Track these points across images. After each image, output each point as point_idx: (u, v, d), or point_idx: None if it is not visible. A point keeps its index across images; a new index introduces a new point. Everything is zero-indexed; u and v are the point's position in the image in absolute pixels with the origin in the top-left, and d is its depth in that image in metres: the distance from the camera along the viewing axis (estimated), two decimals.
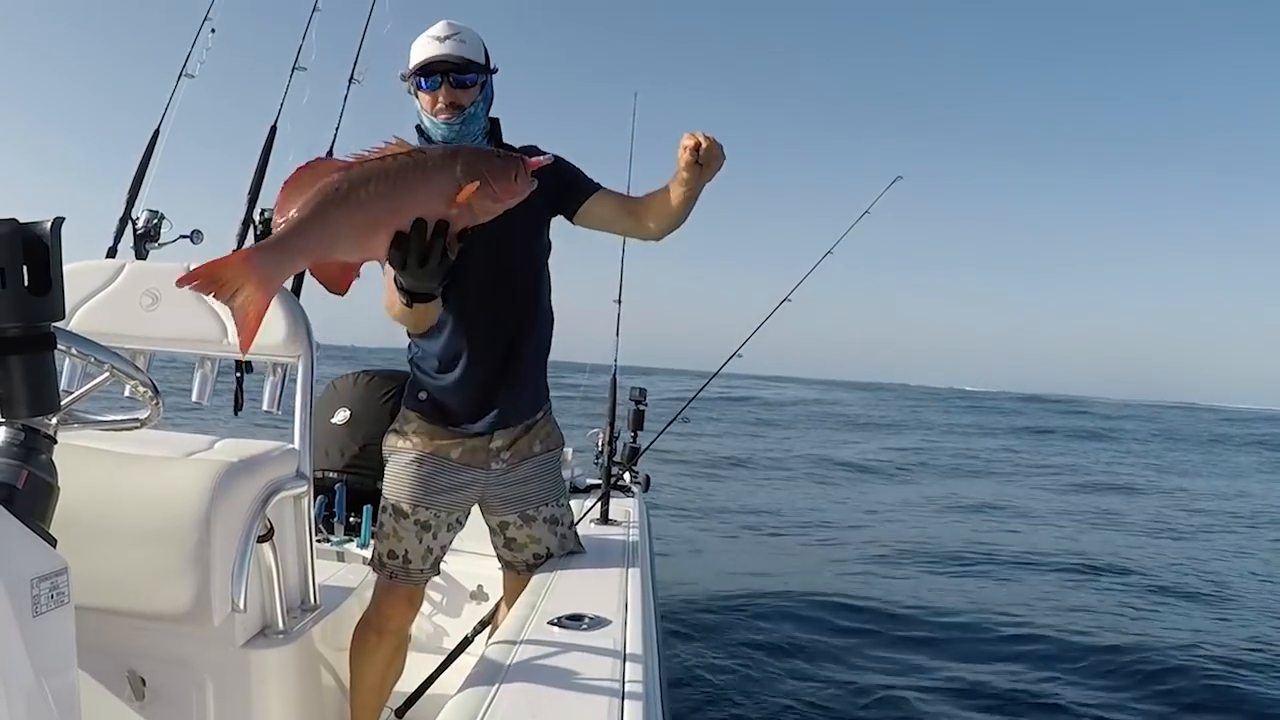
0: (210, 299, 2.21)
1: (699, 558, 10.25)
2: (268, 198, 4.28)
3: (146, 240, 4.13)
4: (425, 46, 2.97)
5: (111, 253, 4.09)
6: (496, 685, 2.13)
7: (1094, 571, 11.44)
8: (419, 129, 3.07)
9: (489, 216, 2.10)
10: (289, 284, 3.99)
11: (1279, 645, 8.59)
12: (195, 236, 4.23)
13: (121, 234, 4.10)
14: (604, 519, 4.12)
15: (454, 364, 3.05)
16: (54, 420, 1.78)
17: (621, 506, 4.37)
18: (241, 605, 2.38)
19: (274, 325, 2.86)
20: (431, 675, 3.42)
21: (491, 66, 3.09)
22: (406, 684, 3.47)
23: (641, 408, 5.01)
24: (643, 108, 5.86)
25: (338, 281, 2.00)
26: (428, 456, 3.06)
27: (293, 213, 1.88)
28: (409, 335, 3.16)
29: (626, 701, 2.08)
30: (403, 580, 3.07)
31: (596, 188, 3.14)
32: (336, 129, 4.50)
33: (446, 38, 2.96)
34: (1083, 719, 6.43)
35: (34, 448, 1.73)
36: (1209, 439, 46.19)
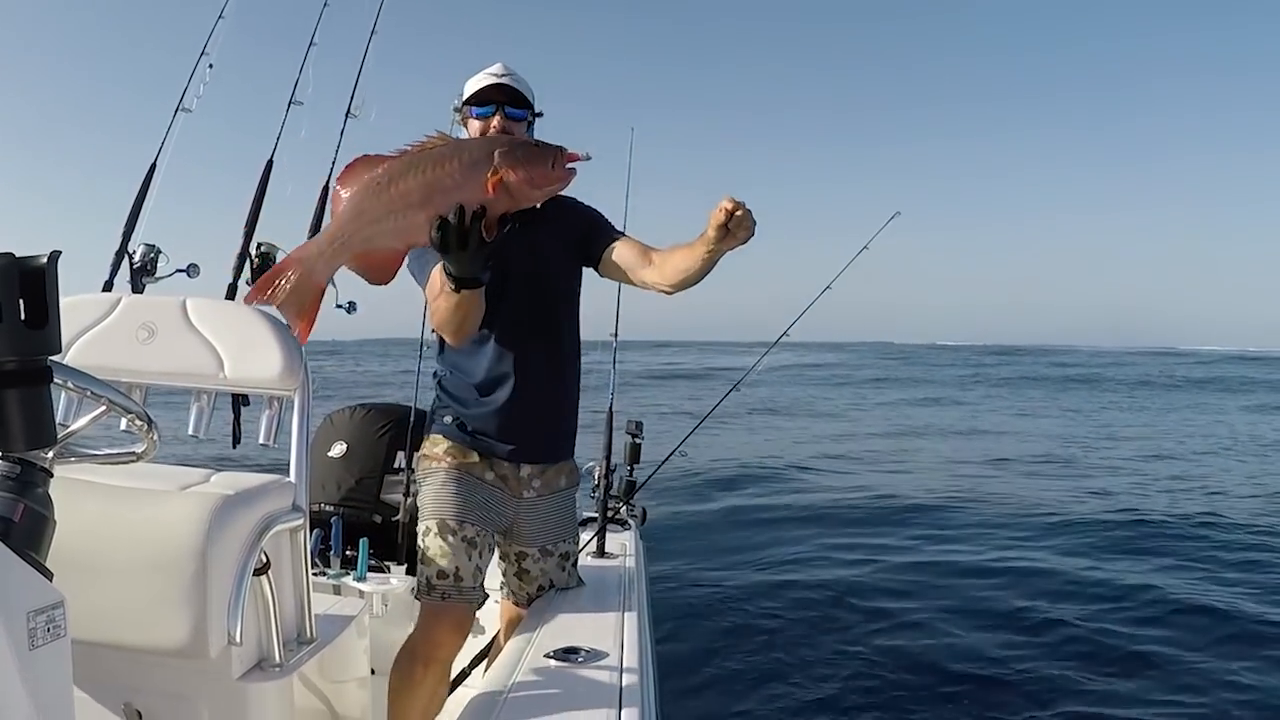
0: (210, 334, 2.24)
1: (692, 560, 10.21)
2: (265, 231, 4.29)
3: (143, 274, 4.13)
4: (482, 79, 3.13)
5: (108, 286, 4.09)
6: (494, 716, 2.13)
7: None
8: None
9: (528, 202, 2.34)
10: (284, 317, 3.99)
11: None
12: (192, 270, 4.24)
13: (118, 268, 4.11)
14: (600, 552, 4.13)
15: (496, 389, 3.11)
16: (50, 454, 1.78)
17: (618, 540, 4.38)
18: (238, 638, 2.37)
19: (270, 358, 2.86)
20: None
21: (537, 110, 3.21)
22: None
23: (638, 441, 5.02)
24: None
25: (383, 269, 2.23)
26: (465, 475, 3.09)
27: (340, 208, 2.14)
28: (447, 350, 3.22)
29: None
30: (455, 599, 3.02)
31: (621, 234, 3.19)
32: (334, 163, 4.52)
33: (503, 75, 3.13)
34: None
35: (30, 481, 1.73)
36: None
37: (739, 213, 2.50)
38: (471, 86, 3.16)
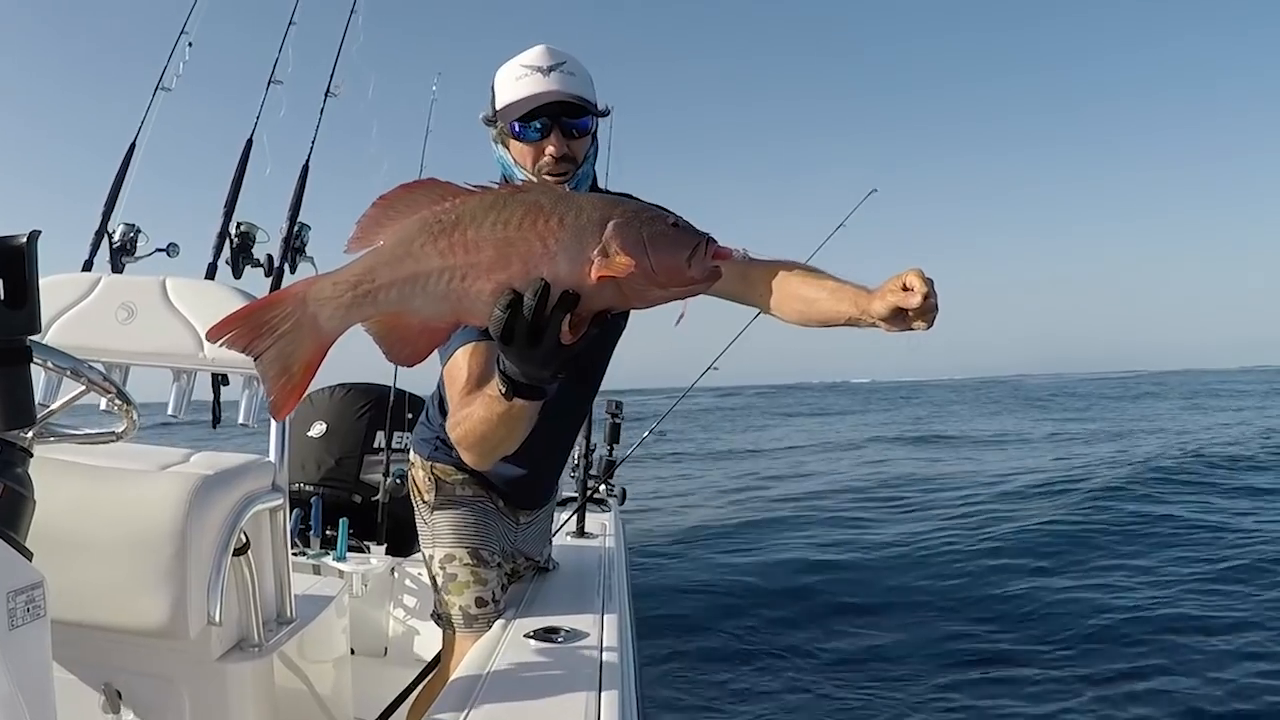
0: (190, 313, 2.15)
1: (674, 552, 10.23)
2: (244, 211, 4.28)
3: (122, 254, 4.11)
4: (523, 81, 2.39)
5: (87, 266, 4.07)
6: (474, 697, 2.14)
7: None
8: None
9: (641, 304, 1.54)
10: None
11: None
12: (171, 250, 4.21)
13: (97, 247, 4.09)
14: (580, 532, 4.14)
15: (503, 462, 2.30)
16: (30, 433, 1.78)
17: (598, 519, 4.40)
18: (217, 618, 2.38)
19: None
20: (409, 686, 3.42)
21: (603, 108, 2.49)
22: (383, 694, 3.47)
23: (618, 421, 5.03)
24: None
25: (413, 346, 1.50)
26: (483, 504, 2.87)
27: (377, 241, 1.43)
28: (468, 459, 2.47)
29: (603, 716, 2.09)
30: (491, 620, 2.80)
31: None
32: (313, 142, 4.51)
33: (552, 68, 2.37)
34: None
35: (10, 461, 1.73)
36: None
37: (930, 301, 1.86)
38: (506, 89, 2.42)
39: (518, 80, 2.39)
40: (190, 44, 4.50)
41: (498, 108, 2.43)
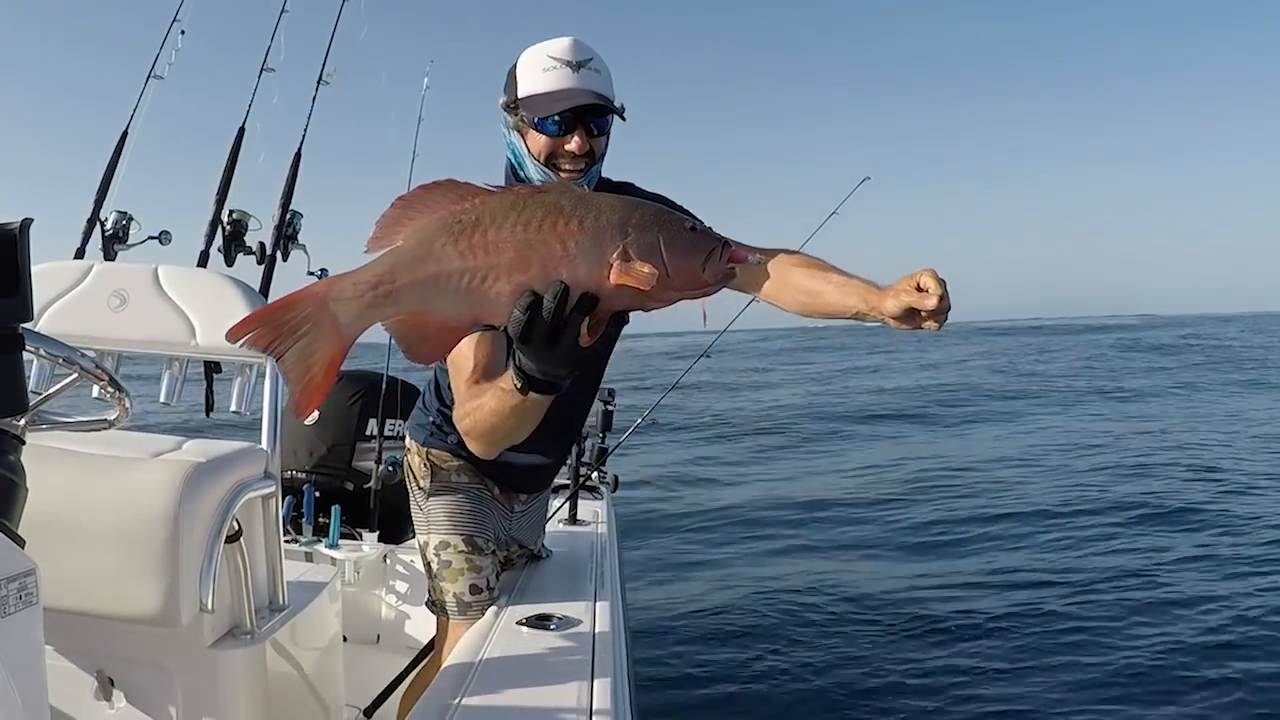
0: (182, 301, 2.16)
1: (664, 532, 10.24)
2: (236, 199, 4.28)
3: (115, 241, 4.11)
4: (551, 74, 2.38)
5: (79, 254, 4.07)
6: (466, 684, 2.15)
7: None
8: (514, 174, 2.54)
9: (657, 305, 1.56)
10: (256, 283, 3.98)
11: None
12: (164, 237, 4.21)
13: (89, 235, 4.08)
14: (572, 520, 4.15)
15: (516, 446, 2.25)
16: (22, 421, 1.78)
17: (590, 507, 4.40)
18: (209, 606, 2.38)
19: None
20: (401, 674, 3.43)
21: (619, 105, 2.47)
22: (376, 681, 3.48)
23: (610, 408, 5.02)
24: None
25: (433, 345, 1.50)
26: (478, 492, 2.88)
27: (396, 241, 1.43)
28: (443, 387, 2.82)
29: (595, 703, 2.10)
30: (485, 607, 2.80)
31: None
32: (305, 129, 4.51)
33: (580, 65, 2.38)
34: None
35: (2, 448, 1.74)
36: None
37: (944, 303, 1.88)
38: (532, 78, 2.40)
39: (545, 72, 2.38)
40: (183, 32, 4.50)
41: (520, 95, 2.41)
